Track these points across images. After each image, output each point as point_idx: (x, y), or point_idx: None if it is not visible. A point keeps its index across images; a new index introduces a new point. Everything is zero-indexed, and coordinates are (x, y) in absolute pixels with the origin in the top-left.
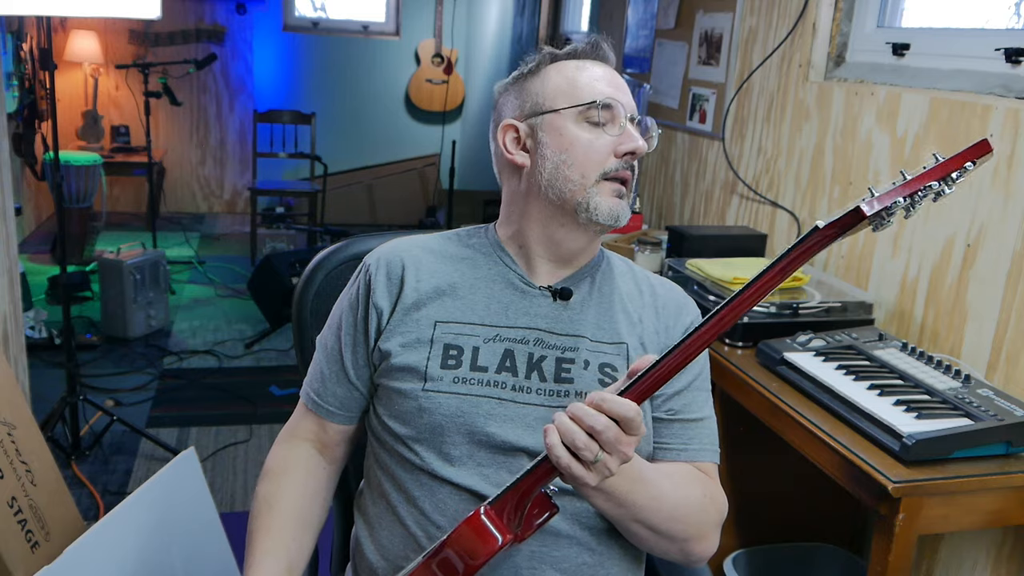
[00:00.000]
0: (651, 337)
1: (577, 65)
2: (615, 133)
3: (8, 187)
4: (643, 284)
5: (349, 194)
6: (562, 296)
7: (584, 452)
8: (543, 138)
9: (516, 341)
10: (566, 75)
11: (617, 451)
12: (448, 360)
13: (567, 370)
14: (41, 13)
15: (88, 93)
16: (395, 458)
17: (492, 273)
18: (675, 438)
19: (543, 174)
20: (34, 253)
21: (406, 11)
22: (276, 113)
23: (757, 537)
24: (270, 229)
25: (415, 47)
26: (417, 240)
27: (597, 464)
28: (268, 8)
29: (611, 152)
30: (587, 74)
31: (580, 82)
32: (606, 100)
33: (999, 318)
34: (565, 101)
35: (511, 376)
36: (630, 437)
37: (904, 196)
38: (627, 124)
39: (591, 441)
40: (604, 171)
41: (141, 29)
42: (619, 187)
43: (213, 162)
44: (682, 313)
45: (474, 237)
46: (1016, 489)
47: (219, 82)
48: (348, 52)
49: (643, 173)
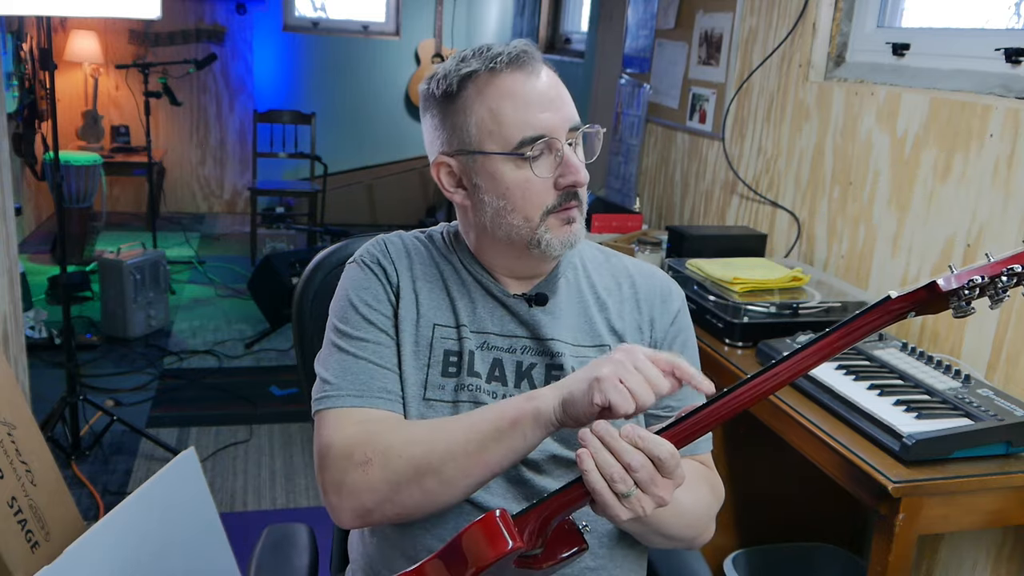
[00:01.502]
0: (633, 334)
1: (499, 86)
2: (553, 165)
3: (8, 187)
4: (621, 276)
5: (349, 194)
6: (537, 302)
7: (619, 485)
8: (477, 181)
9: (504, 350)
10: (489, 107)
11: (652, 492)
12: (449, 368)
13: (557, 377)
14: (41, 13)
15: (88, 93)
16: None
17: (469, 279)
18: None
19: (486, 215)
20: (34, 253)
21: (406, 11)
22: (276, 113)
23: (757, 537)
24: (270, 229)
25: (415, 47)
26: (404, 236)
27: (631, 499)
28: (268, 8)
29: (552, 187)
30: (511, 103)
31: (505, 119)
32: (537, 134)
33: (999, 318)
34: (493, 144)
35: (501, 386)
36: (666, 480)
37: (983, 276)
38: (565, 150)
39: (627, 476)
40: (548, 208)
41: (141, 29)
42: (568, 214)
43: (213, 162)
44: (668, 301)
45: (446, 239)
46: (1016, 489)
47: (219, 82)
48: (348, 52)
49: (643, 173)
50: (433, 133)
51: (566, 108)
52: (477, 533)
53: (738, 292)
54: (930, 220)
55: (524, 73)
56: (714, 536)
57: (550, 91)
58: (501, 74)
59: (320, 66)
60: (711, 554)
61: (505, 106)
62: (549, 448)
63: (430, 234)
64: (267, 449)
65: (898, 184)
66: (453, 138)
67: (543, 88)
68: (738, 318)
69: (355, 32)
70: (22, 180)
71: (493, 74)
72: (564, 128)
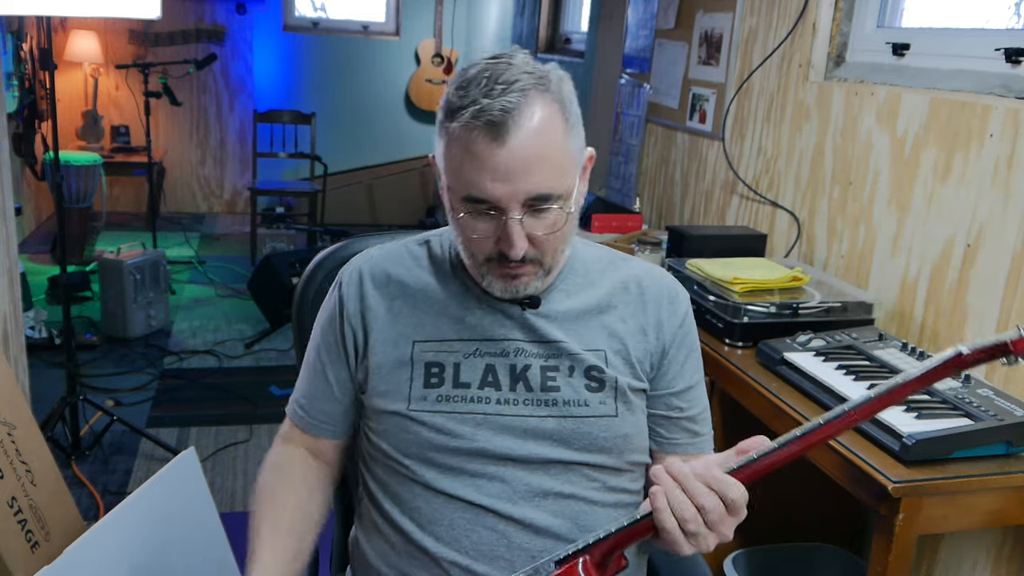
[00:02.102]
0: (636, 337)
1: (466, 140)
2: (498, 227)
3: (8, 187)
4: (628, 278)
5: (349, 194)
6: (531, 305)
7: (690, 525)
8: (444, 202)
9: (496, 355)
10: (452, 152)
11: (719, 530)
12: (431, 379)
13: (552, 378)
14: (41, 13)
15: (88, 93)
16: (387, 470)
17: (459, 289)
18: (684, 433)
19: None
20: (34, 253)
21: (406, 11)
22: (276, 113)
23: (757, 537)
24: (270, 229)
25: (415, 47)
26: (391, 253)
27: (698, 537)
28: (268, 8)
29: (493, 243)
30: (470, 161)
31: (463, 172)
32: (483, 198)
33: (999, 318)
34: (451, 181)
35: (494, 391)
36: (732, 519)
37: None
38: (508, 223)
39: (699, 516)
40: (488, 257)
41: (141, 29)
42: (509, 271)
43: (213, 162)
44: (675, 303)
45: (444, 245)
46: (1016, 489)
47: (219, 82)
48: (348, 52)
49: (643, 173)
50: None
51: (528, 180)
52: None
53: (738, 292)
54: (930, 220)
55: (491, 139)
56: None
57: (514, 162)
58: (469, 129)
59: (320, 66)
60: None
61: (465, 160)
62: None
63: (427, 240)
64: (267, 449)
65: (898, 184)
66: (438, 150)
67: (505, 158)
68: (738, 318)
69: (355, 32)
70: (22, 180)
71: (462, 125)
72: (517, 199)
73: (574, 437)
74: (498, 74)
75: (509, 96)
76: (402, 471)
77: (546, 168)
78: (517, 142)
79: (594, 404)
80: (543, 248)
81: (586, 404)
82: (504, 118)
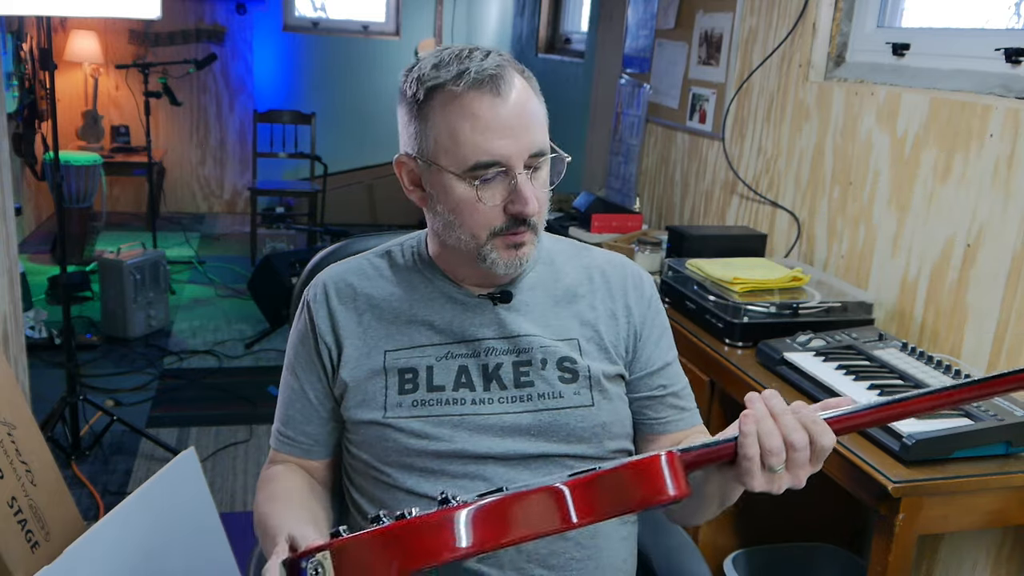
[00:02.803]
0: (607, 322)
1: (461, 105)
2: (505, 191)
3: (8, 187)
4: (592, 268)
5: (349, 194)
6: (502, 300)
7: (772, 458)
8: (431, 191)
9: (468, 356)
10: (449, 124)
11: (795, 473)
12: (405, 384)
13: (525, 373)
14: (41, 13)
15: (88, 93)
16: (370, 480)
17: (429, 291)
18: (671, 410)
19: (438, 223)
20: (34, 253)
21: (406, 11)
22: (276, 113)
23: (757, 537)
24: (270, 229)
25: (415, 47)
26: (352, 266)
27: (774, 474)
28: (268, 8)
29: (501, 211)
30: (470, 125)
31: (463, 139)
32: (491, 160)
33: (999, 318)
34: (447, 160)
35: (469, 391)
36: (811, 467)
37: None
38: (519, 179)
39: (784, 452)
40: (494, 230)
41: (141, 29)
42: (515, 239)
43: (213, 162)
44: (640, 287)
45: (406, 254)
46: (1016, 489)
47: (219, 82)
48: (348, 52)
49: (643, 173)
50: (401, 128)
51: (529, 135)
52: (637, 475)
53: (738, 292)
54: (930, 220)
55: (490, 95)
56: (714, 536)
57: (514, 117)
58: (466, 93)
59: (320, 66)
60: (711, 554)
61: (464, 127)
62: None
63: (387, 251)
64: (267, 449)
65: (898, 184)
66: (415, 142)
67: (507, 114)
68: (738, 318)
69: (355, 32)
70: (22, 180)
71: (458, 91)
72: (522, 156)
73: (552, 430)
74: (470, 49)
75: (490, 60)
76: (384, 479)
77: (537, 124)
78: (515, 97)
79: (569, 395)
80: (540, 207)
81: (561, 396)
82: (499, 73)
